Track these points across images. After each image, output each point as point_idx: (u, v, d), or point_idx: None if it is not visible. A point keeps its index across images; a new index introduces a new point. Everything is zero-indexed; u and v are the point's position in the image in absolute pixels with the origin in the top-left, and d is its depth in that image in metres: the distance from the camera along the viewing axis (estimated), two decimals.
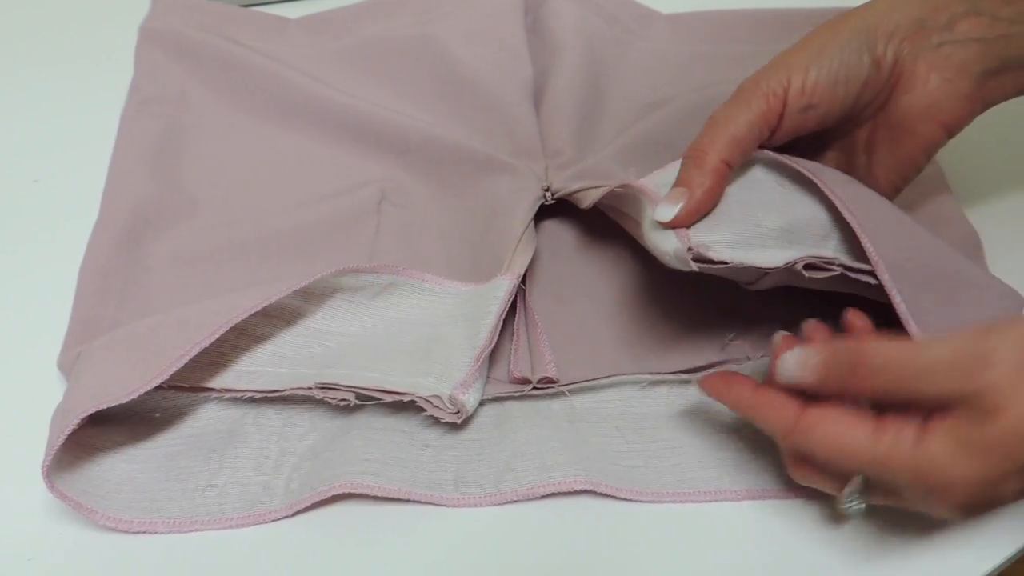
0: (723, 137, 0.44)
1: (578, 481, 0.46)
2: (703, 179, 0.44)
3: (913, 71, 0.46)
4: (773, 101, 0.45)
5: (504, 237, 0.53)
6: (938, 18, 0.46)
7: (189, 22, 0.67)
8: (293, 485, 0.47)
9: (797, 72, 0.45)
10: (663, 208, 0.44)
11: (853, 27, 0.46)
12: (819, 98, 0.45)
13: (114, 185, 0.58)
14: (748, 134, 0.45)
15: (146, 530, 0.45)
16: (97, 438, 0.47)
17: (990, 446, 0.35)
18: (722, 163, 0.44)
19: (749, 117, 0.45)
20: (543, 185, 0.56)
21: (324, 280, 0.49)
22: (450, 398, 0.47)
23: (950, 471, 0.36)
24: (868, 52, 0.45)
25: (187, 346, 0.44)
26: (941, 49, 0.46)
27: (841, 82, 0.45)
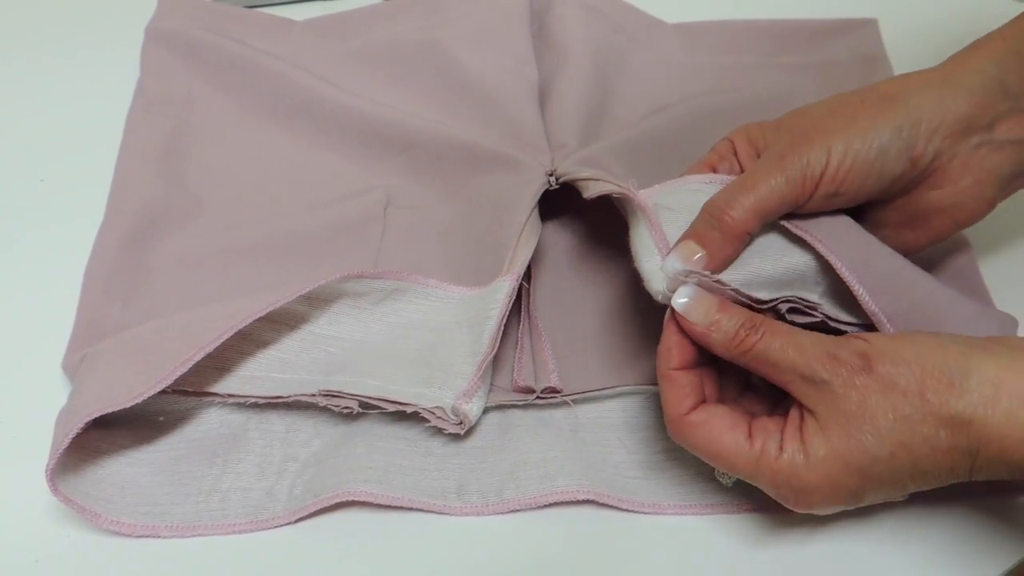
0: (753, 206, 0.43)
1: (581, 491, 0.46)
2: (724, 245, 0.43)
3: (947, 169, 0.45)
4: (809, 181, 0.43)
5: (508, 233, 0.53)
6: (983, 116, 0.45)
7: (195, 23, 0.67)
8: (296, 491, 0.47)
9: (836, 154, 0.43)
10: (673, 259, 0.43)
11: (898, 118, 0.44)
12: (848, 187, 0.44)
13: (120, 186, 0.58)
14: (776, 208, 0.44)
15: (149, 534, 0.45)
16: (102, 441, 0.47)
17: (840, 460, 0.39)
18: (745, 232, 0.44)
19: (783, 192, 0.43)
20: (547, 171, 0.55)
21: (328, 285, 0.49)
22: (453, 409, 0.47)
23: (804, 478, 0.40)
24: (908, 149, 0.44)
25: (191, 351, 0.44)
26: (979, 150, 0.45)
27: (874, 174, 0.44)
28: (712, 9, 0.71)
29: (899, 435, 0.38)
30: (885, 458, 0.39)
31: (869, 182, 0.44)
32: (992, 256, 0.56)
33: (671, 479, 0.48)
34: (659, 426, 0.50)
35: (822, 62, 0.68)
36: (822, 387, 0.40)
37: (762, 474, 0.40)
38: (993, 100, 0.45)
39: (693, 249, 0.43)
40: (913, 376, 0.38)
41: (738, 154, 0.48)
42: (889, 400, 0.38)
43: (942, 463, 0.38)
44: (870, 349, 0.40)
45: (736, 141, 0.48)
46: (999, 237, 0.57)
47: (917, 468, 0.39)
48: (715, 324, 0.42)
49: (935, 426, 0.38)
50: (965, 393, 0.38)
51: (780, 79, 0.67)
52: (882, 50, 0.68)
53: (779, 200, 0.43)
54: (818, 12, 0.71)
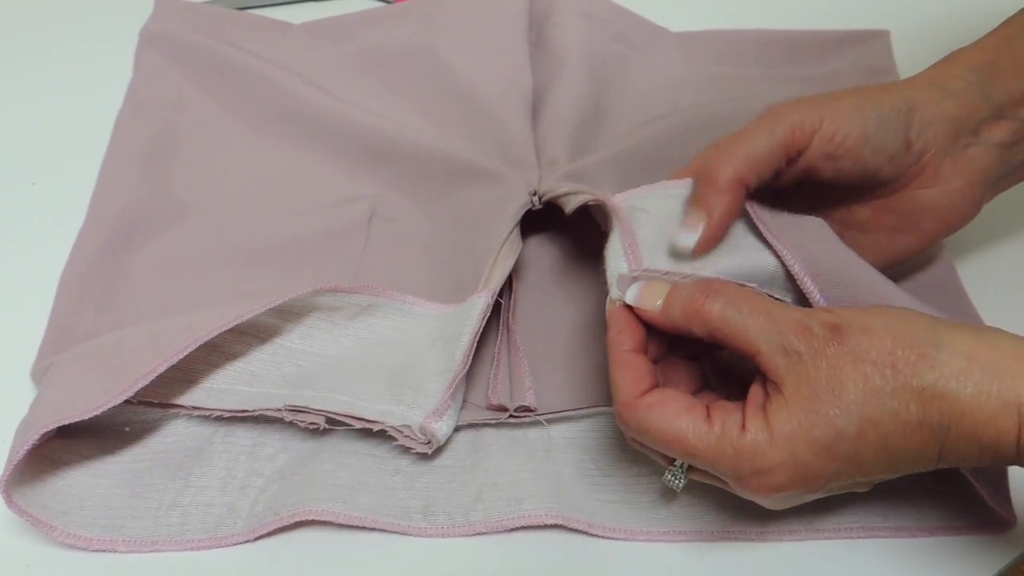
0: (739, 154, 0.43)
1: (549, 515, 0.45)
2: (720, 198, 0.43)
3: (939, 168, 0.45)
4: (800, 135, 0.43)
5: (489, 242, 0.52)
6: (970, 119, 0.45)
7: (191, 26, 0.67)
8: (258, 508, 0.46)
9: (832, 118, 0.43)
10: (683, 234, 0.43)
11: (896, 100, 0.45)
12: (845, 152, 0.44)
13: (103, 189, 0.58)
14: (766, 157, 0.43)
15: (106, 548, 0.44)
16: (64, 451, 0.46)
17: (805, 438, 0.37)
18: (738, 181, 0.43)
19: (770, 142, 0.43)
20: (530, 189, 0.54)
21: (301, 299, 0.48)
22: (421, 428, 0.46)
23: (767, 456, 0.37)
24: (903, 130, 0.44)
25: (155, 362, 0.44)
26: (967, 151, 0.46)
27: (871, 146, 0.44)
28: (719, 18, 0.70)
29: (868, 409, 0.36)
30: (852, 435, 0.37)
31: (867, 152, 0.44)
32: (971, 263, 0.55)
33: (646, 504, 0.47)
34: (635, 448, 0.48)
35: (828, 74, 0.66)
36: (793, 358, 0.38)
37: (723, 454, 0.38)
38: (977, 104, 0.45)
39: (696, 216, 0.43)
40: (884, 347, 0.37)
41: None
42: (859, 371, 0.37)
43: (911, 442, 0.37)
44: (839, 321, 0.38)
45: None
46: (977, 242, 0.56)
47: (885, 447, 0.37)
48: (671, 296, 0.41)
49: (905, 399, 0.36)
50: (937, 365, 0.36)
51: (783, 91, 0.65)
52: (892, 63, 0.66)
53: (767, 150, 0.43)
54: (825, 21, 0.68)
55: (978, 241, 0.56)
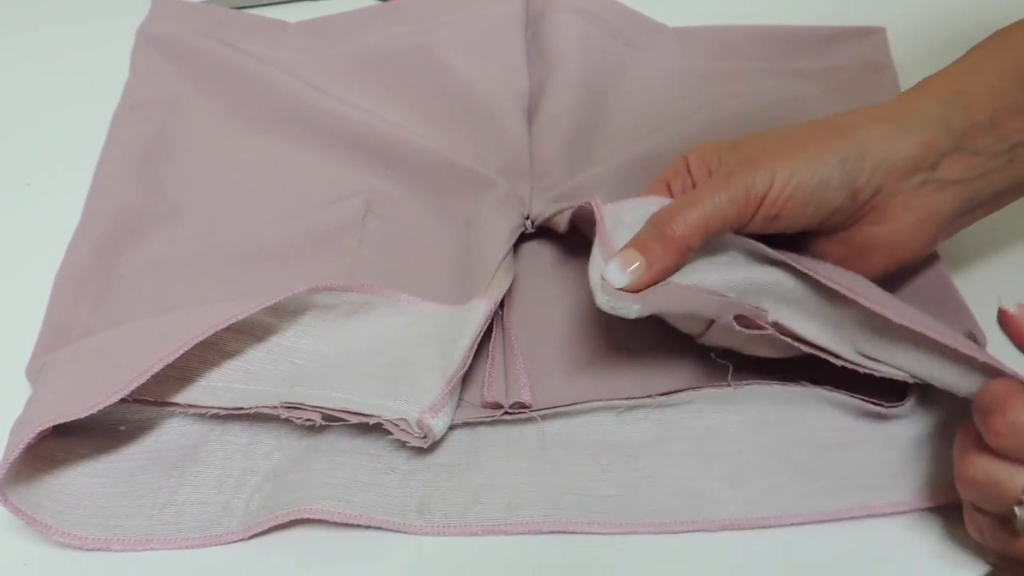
0: (694, 218, 0.43)
1: (547, 522, 0.45)
2: (664, 257, 0.43)
3: (887, 206, 0.45)
4: (752, 201, 0.43)
5: (484, 259, 0.52)
6: (928, 156, 0.45)
7: (188, 25, 0.67)
8: (252, 506, 0.46)
9: (781, 176, 0.43)
10: (614, 270, 0.43)
11: (842, 150, 0.44)
12: (788, 212, 0.44)
13: (97, 189, 0.58)
14: (719, 225, 0.43)
15: (101, 547, 0.44)
16: (59, 450, 0.46)
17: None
18: (686, 246, 0.43)
19: (726, 209, 0.43)
20: (524, 212, 0.55)
21: (296, 297, 0.48)
22: (418, 422, 0.46)
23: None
24: (849, 182, 0.44)
25: (150, 361, 0.43)
26: (921, 189, 0.45)
27: (814, 202, 0.44)
28: (716, 14, 0.69)
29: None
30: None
31: (808, 209, 0.44)
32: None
33: (644, 498, 0.47)
34: (632, 442, 0.48)
35: (827, 69, 0.66)
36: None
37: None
38: (937, 139, 0.45)
39: (633, 257, 0.43)
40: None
41: (691, 170, 0.48)
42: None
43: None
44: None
45: (690, 159, 0.48)
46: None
47: None
48: (641, 244, 0.43)
49: None
50: None
51: (783, 86, 0.65)
52: (889, 59, 0.66)
53: (722, 217, 0.43)
54: (824, 18, 0.68)
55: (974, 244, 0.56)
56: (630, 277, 0.43)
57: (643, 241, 0.43)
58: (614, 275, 0.43)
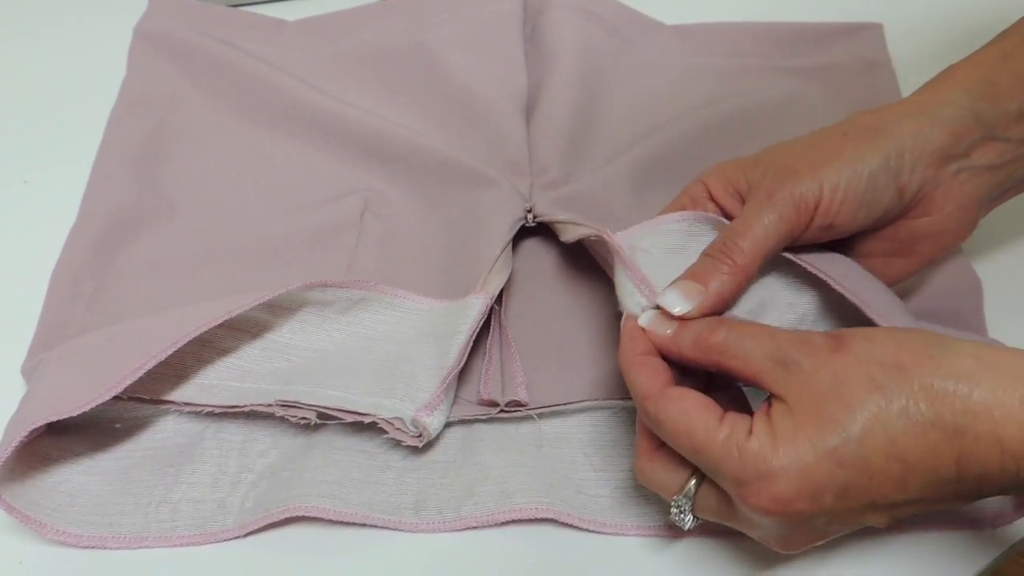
0: (750, 246, 0.42)
1: (540, 509, 0.45)
2: (726, 283, 0.42)
3: (932, 197, 0.45)
4: (803, 213, 0.43)
5: (482, 254, 0.52)
6: (959, 145, 0.45)
7: (185, 23, 0.66)
8: (248, 504, 0.46)
9: (829, 187, 0.43)
10: (675, 298, 0.42)
11: (883, 148, 0.44)
12: (841, 219, 0.44)
13: (94, 187, 0.58)
14: (775, 246, 0.43)
15: (96, 545, 0.44)
16: (54, 448, 0.46)
17: (809, 440, 0.36)
18: (748, 276, 0.43)
19: (779, 228, 0.43)
20: (526, 206, 0.54)
21: (291, 294, 0.48)
22: (412, 420, 0.46)
23: (771, 459, 0.36)
24: (895, 180, 0.44)
25: (143, 359, 0.43)
26: (958, 176, 0.45)
27: (865, 206, 0.44)
28: (713, 11, 0.69)
29: (874, 407, 0.35)
30: (857, 435, 0.35)
31: (861, 212, 0.44)
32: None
33: (637, 499, 0.46)
34: (627, 443, 0.48)
35: (824, 66, 0.66)
36: (792, 368, 0.37)
37: (728, 455, 0.37)
38: (967, 129, 0.45)
39: (695, 288, 0.42)
40: (888, 350, 0.36)
41: (715, 196, 0.47)
42: (863, 373, 0.36)
43: (923, 445, 0.35)
44: (840, 332, 0.38)
45: (711, 184, 0.47)
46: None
47: (894, 450, 0.35)
48: (682, 327, 0.41)
49: (914, 397, 0.35)
50: (944, 364, 0.35)
51: (781, 83, 0.65)
52: (886, 56, 0.66)
53: (776, 237, 0.43)
54: (821, 15, 0.68)
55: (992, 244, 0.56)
56: (690, 305, 0.42)
57: (702, 272, 0.43)
58: (674, 302, 0.42)
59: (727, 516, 0.39)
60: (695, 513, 0.41)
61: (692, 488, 0.40)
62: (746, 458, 0.36)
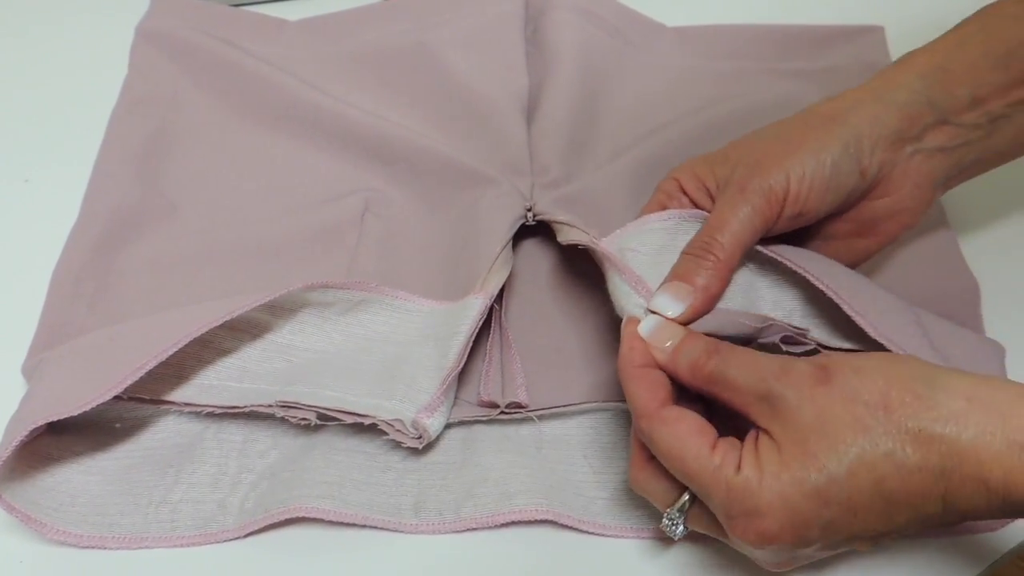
0: (729, 240, 0.44)
1: (539, 511, 0.45)
2: (711, 282, 0.43)
3: (890, 178, 0.47)
4: (774, 204, 0.44)
5: (482, 254, 0.52)
6: (912, 128, 0.46)
7: (187, 23, 0.66)
8: (248, 505, 0.46)
9: (795, 177, 0.44)
10: (666, 302, 0.43)
11: (843, 136, 0.45)
12: (810, 206, 0.45)
13: (96, 187, 0.58)
14: (751, 237, 0.44)
15: (96, 545, 0.44)
16: (55, 447, 0.46)
17: (794, 479, 0.36)
18: (729, 269, 0.44)
19: (754, 220, 0.44)
20: (526, 204, 0.54)
21: (292, 295, 0.48)
22: (413, 422, 0.46)
23: (757, 496, 0.36)
24: (856, 163, 0.45)
25: (144, 359, 0.43)
26: (913, 158, 0.47)
27: (831, 190, 0.45)
28: (714, 13, 0.69)
29: (859, 449, 0.35)
30: (843, 476, 0.35)
31: (828, 198, 0.45)
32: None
33: (636, 502, 0.46)
34: (626, 445, 0.48)
35: (825, 69, 0.66)
36: (776, 403, 0.37)
37: (717, 486, 0.37)
38: (920, 113, 0.46)
39: (684, 289, 0.43)
40: (876, 387, 0.36)
41: (687, 191, 0.48)
42: (849, 412, 0.36)
43: (910, 486, 0.35)
44: (829, 362, 0.38)
45: (682, 179, 0.48)
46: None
47: (880, 492, 0.35)
48: (679, 350, 0.41)
49: (901, 441, 0.35)
50: (934, 406, 0.35)
51: (781, 86, 0.65)
52: (887, 59, 0.66)
53: (752, 229, 0.44)
54: (822, 17, 0.68)
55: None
56: (682, 306, 0.43)
57: (687, 271, 0.44)
58: (665, 305, 0.43)
59: (719, 532, 0.40)
60: (686, 525, 0.41)
61: (686, 503, 0.40)
62: (734, 494, 0.37)
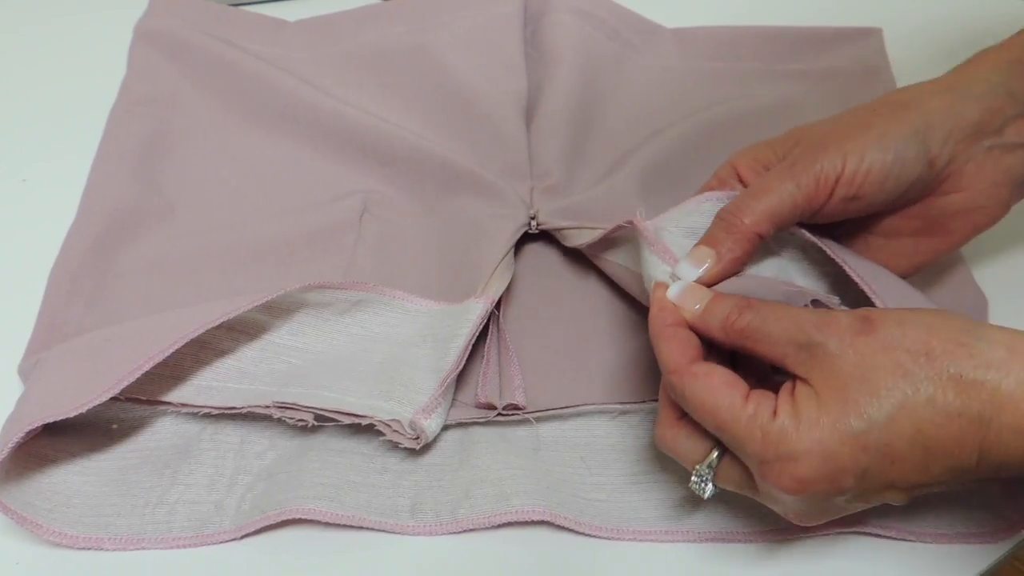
0: (762, 207, 0.43)
1: (536, 511, 0.45)
2: (733, 246, 0.43)
3: (963, 173, 0.45)
4: (823, 185, 0.43)
5: (483, 259, 0.52)
6: (993, 121, 0.45)
7: (186, 22, 0.66)
8: (245, 506, 0.46)
9: (853, 158, 0.43)
10: (686, 267, 0.43)
11: (913, 123, 0.44)
12: (867, 190, 0.44)
13: (94, 187, 0.58)
14: (789, 213, 0.43)
15: (92, 546, 0.44)
16: (51, 448, 0.46)
17: (833, 425, 0.36)
18: (755, 234, 0.43)
19: (795, 196, 0.43)
20: (530, 213, 0.54)
21: (290, 295, 0.48)
22: (410, 423, 0.46)
23: (794, 441, 0.36)
24: (924, 152, 0.44)
25: (140, 360, 0.43)
26: (991, 153, 0.45)
27: (892, 177, 0.44)
28: (713, 15, 0.69)
29: (900, 395, 0.35)
30: (883, 422, 0.35)
31: (888, 185, 0.44)
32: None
33: (633, 504, 0.46)
34: (624, 447, 0.48)
35: (823, 70, 0.66)
36: (816, 350, 0.37)
37: (751, 435, 0.37)
38: (1001, 105, 0.45)
39: (704, 253, 0.43)
40: (918, 336, 0.36)
41: (743, 178, 0.47)
42: (891, 359, 0.36)
43: (948, 433, 0.35)
44: (871, 313, 0.38)
45: (739, 164, 0.47)
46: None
47: (919, 438, 0.35)
48: (709, 308, 0.41)
49: (942, 386, 0.35)
50: (976, 353, 0.35)
51: (780, 87, 0.65)
52: (885, 61, 0.66)
53: (791, 205, 0.43)
54: (821, 19, 0.68)
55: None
56: (702, 270, 0.43)
57: (712, 236, 0.44)
58: (686, 271, 0.43)
59: (748, 488, 0.40)
60: (715, 483, 0.41)
61: (715, 459, 0.40)
62: (769, 439, 0.37)
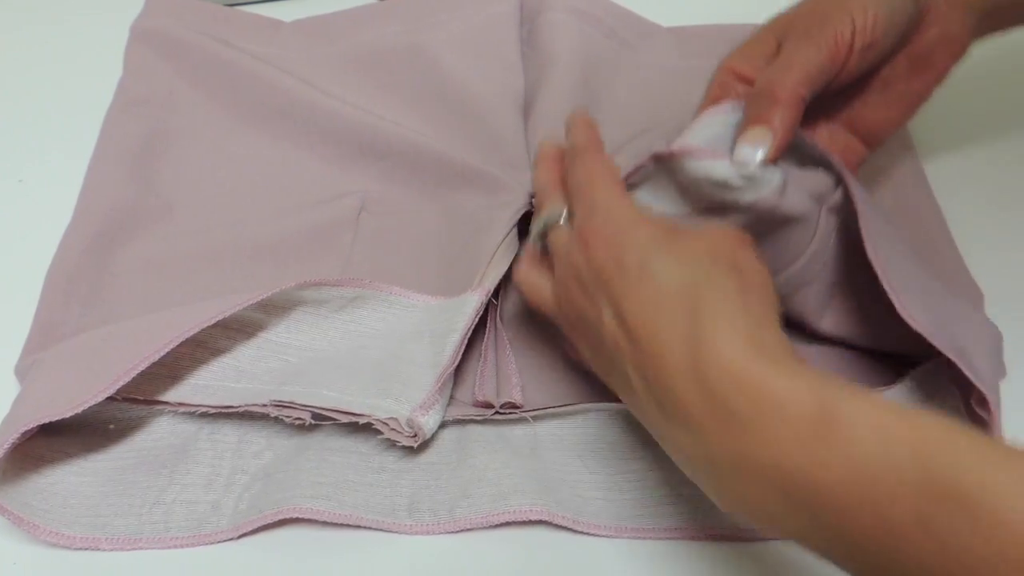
0: (795, 74, 0.44)
1: (535, 511, 0.45)
2: (785, 114, 0.43)
3: (937, 5, 0.48)
4: (842, 45, 0.45)
5: (482, 251, 0.52)
6: None
7: (182, 22, 0.66)
8: (242, 506, 0.46)
9: (859, 13, 0.45)
10: (745, 150, 0.43)
11: None
12: (878, 37, 0.45)
13: (90, 187, 0.58)
14: (819, 74, 0.44)
15: (89, 547, 0.44)
16: (47, 449, 0.46)
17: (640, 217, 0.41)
18: (800, 97, 0.44)
19: (820, 58, 0.44)
20: (529, 191, 0.54)
21: (286, 293, 0.48)
22: (408, 420, 0.45)
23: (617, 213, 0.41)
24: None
25: (137, 359, 0.43)
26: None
27: (894, 21, 0.46)
28: (710, 13, 0.69)
29: (690, 271, 0.38)
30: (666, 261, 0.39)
31: (893, 30, 0.46)
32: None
33: (631, 501, 0.46)
34: (621, 445, 0.48)
35: None
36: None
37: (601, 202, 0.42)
38: None
39: (759, 131, 0.43)
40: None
41: (744, 76, 0.47)
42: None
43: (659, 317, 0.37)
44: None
45: (736, 65, 0.48)
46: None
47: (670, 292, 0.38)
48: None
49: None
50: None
51: None
52: None
53: (818, 66, 0.44)
54: None
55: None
56: (764, 148, 0.42)
57: (758, 115, 0.43)
58: (748, 153, 0.42)
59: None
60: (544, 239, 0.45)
61: (564, 216, 0.44)
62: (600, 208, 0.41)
